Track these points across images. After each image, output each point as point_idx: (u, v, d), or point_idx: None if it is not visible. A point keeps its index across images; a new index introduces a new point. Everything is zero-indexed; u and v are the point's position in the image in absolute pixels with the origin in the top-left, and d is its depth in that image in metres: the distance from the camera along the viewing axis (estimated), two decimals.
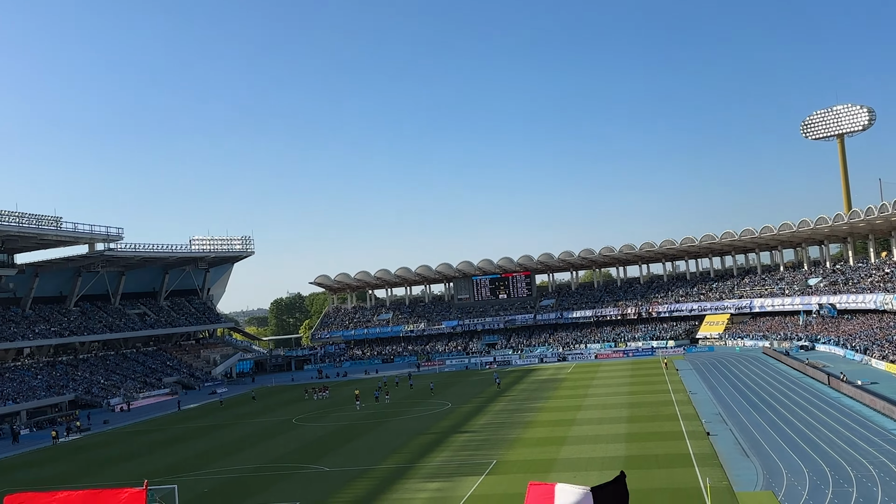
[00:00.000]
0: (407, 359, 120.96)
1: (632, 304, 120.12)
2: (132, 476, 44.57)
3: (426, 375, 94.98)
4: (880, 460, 34.19)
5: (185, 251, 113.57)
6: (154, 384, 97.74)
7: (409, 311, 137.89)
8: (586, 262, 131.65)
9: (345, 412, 66.76)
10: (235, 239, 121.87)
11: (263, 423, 64.26)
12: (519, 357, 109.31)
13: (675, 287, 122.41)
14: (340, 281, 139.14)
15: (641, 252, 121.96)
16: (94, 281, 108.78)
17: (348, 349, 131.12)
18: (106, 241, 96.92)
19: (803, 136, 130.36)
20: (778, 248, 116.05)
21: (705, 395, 58.61)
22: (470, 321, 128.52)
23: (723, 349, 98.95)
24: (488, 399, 67.89)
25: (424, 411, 63.46)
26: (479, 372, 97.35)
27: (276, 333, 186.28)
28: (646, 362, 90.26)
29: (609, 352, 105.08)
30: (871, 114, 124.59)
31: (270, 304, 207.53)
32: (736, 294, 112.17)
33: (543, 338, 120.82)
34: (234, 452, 50.74)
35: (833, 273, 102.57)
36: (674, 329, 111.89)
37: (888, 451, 35.79)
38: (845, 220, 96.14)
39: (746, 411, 50.12)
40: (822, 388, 58.14)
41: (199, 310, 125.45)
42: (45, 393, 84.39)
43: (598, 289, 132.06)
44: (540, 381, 79.40)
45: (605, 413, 54.18)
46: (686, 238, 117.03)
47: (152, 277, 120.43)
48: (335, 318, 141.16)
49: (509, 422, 54.19)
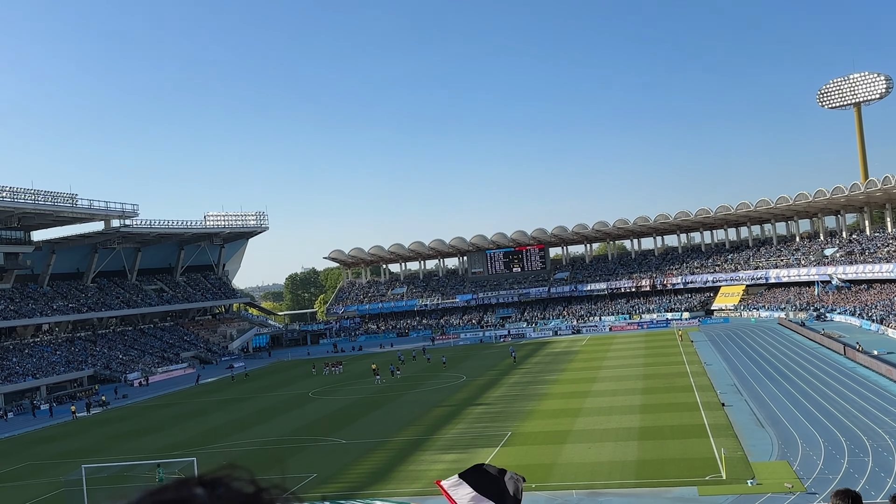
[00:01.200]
0: (422, 332, 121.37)
1: (646, 277, 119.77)
2: (151, 450, 45.20)
3: (440, 349, 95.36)
4: (895, 428, 34.14)
5: (199, 227, 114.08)
6: (172, 359, 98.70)
7: (423, 285, 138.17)
8: (600, 235, 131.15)
9: (361, 385, 67.22)
10: (250, 214, 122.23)
11: (280, 397, 64.86)
12: (533, 330, 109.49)
13: (689, 259, 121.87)
14: (355, 256, 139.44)
15: (656, 224, 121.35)
16: (111, 257, 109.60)
17: (363, 323, 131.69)
18: (121, 217, 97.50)
19: (819, 105, 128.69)
20: (794, 219, 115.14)
21: (720, 367, 58.58)
22: (484, 294, 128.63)
23: (738, 320, 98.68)
24: (503, 372, 68.14)
25: (439, 384, 63.81)
26: (493, 345, 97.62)
27: (291, 308, 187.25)
28: (660, 334, 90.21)
29: (623, 324, 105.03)
30: (888, 82, 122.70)
31: (285, 279, 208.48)
32: (751, 265, 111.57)
33: (558, 311, 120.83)
34: (252, 426, 51.27)
35: (849, 243, 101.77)
36: (689, 301, 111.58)
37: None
38: (862, 189, 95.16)
39: (762, 382, 50.06)
40: (837, 358, 57.94)
41: (215, 285, 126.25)
42: (64, 368, 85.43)
43: (613, 261, 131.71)
44: (554, 354, 79.56)
45: (620, 385, 54.28)
46: (701, 209, 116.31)
47: (168, 253, 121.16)
48: (350, 292, 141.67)
49: (524, 394, 54.41)
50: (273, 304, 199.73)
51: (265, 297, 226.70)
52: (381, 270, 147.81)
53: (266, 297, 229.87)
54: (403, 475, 34.25)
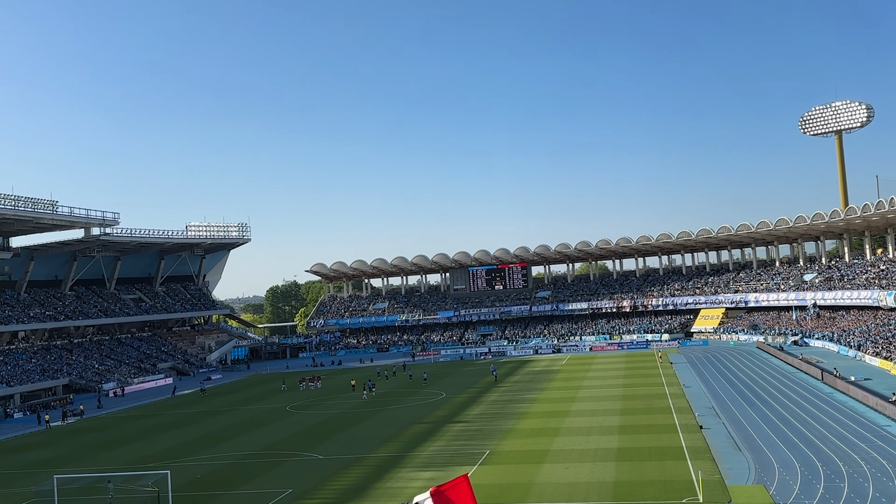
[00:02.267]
0: (402, 348, 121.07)
1: (627, 297, 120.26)
2: (125, 462, 44.65)
3: (421, 365, 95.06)
4: (872, 456, 34.29)
5: (181, 237, 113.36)
6: (148, 370, 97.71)
7: (404, 300, 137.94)
8: (582, 255, 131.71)
9: (339, 400, 66.81)
10: (232, 225, 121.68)
11: (257, 411, 64.32)
12: (514, 348, 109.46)
13: (670, 281, 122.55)
14: (337, 269, 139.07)
15: (638, 245, 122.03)
16: (90, 265, 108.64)
17: (343, 338, 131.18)
18: (102, 225, 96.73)
19: (801, 131, 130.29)
20: (774, 244, 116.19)
21: (699, 389, 58.76)
22: (465, 311, 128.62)
23: (717, 343, 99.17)
24: (483, 389, 67.98)
25: (419, 401, 63.55)
26: (473, 362, 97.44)
27: (271, 321, 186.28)
28: (640, 355, 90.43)
29: (604, 344, 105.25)
30: (869, 110, 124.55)
31: (266, 291, 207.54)
32: (731, 288, 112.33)
33: (539, 329, 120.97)
34: (228, 439, 50.77)
35: (828, 269, 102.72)
36: (669, 322, 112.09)
37: (880, 447, 35.89)
38: (842, 216, 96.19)
39: (740, 405, 50.25)
40: (815, 383, 58.30)
41: (195, 296, 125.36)
42: (39, 377, 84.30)
43: (594, 281, 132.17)
44: (534, 373, 79.52)
45: (599, 405, 54.29)
46: (682, 232, 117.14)
47: (148, 263, 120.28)
48: (331, 306, 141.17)
49: (503, 412, 54.28)
50: (253, 317, 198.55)
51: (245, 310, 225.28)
52: (363, 285, 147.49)
53: (246, 309, 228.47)
54: (380, 492, 34.00)
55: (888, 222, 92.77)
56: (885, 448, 35.73)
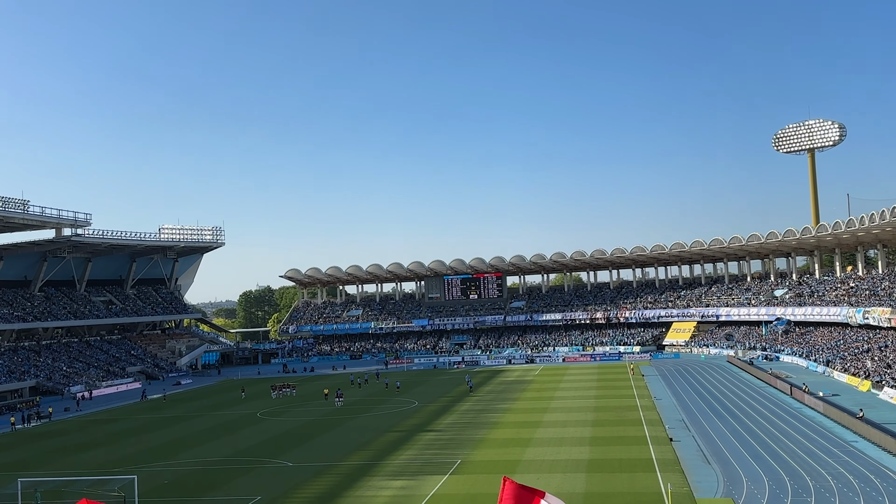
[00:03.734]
0: (376, 356, 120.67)
1: (601, 309, 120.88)
2: (90, 466, 44.02)
3: (394, 373, 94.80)
4: (839, 471, 34.69)
5: (153, 240, 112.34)
6: (117, 373, 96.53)
7: (379, 308, 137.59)
8: (557, 266, 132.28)
9: (311, 407, 66.40)
10: (206, 229, 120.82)
11: (227, 416, 63.73)
12: (487, 358, 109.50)
13: (643, 293, 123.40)
14: (311, 276, 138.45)
15: (612, 258, 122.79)
16: (60, 266, 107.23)
17: (316, 344, 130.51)
18: (73, 226, 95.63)
19: (775, 149, 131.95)
20: (746, 259, 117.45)
21: (670, 402, 59.14)
22: (440, 320, 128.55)
23: (688, 356, 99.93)
24: (455, 399, 67.91)
25: (391, 409, 63.33)
26: (447, 371, 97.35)
27: (244, 326, 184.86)
28: (612, 367, 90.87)
29: (577, 355, 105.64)
30: (841, 129, 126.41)
31: (239, 296, 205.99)
32: (703, 302, 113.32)
33: (513, 339, 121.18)
34: (197, 445, 50.24)
35: (799, 285, 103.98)
36: (641, 335, 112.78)
37: (846, 463, 36.32)
38: (813, 233, 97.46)
39: (709, 419, 50.63)
40: (784, 398, 58.91)
41: (166, 299, 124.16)
42: (5, 378, 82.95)
43: (569, 292, 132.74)
44: (507, 383, 79.60)
45: (571, 416, 54.45)
46: (656, 245, 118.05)
47: (119, 265, 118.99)
48: (304, 312, 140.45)
49: (475, 422, 54.25)
50: (225, 322, 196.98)
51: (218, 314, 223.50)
52: (338, 292, 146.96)
53: (219, 313, 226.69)
54: (350, 500, 33.79)
55: (858, 240, 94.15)
56: (851, 463, 36.16)
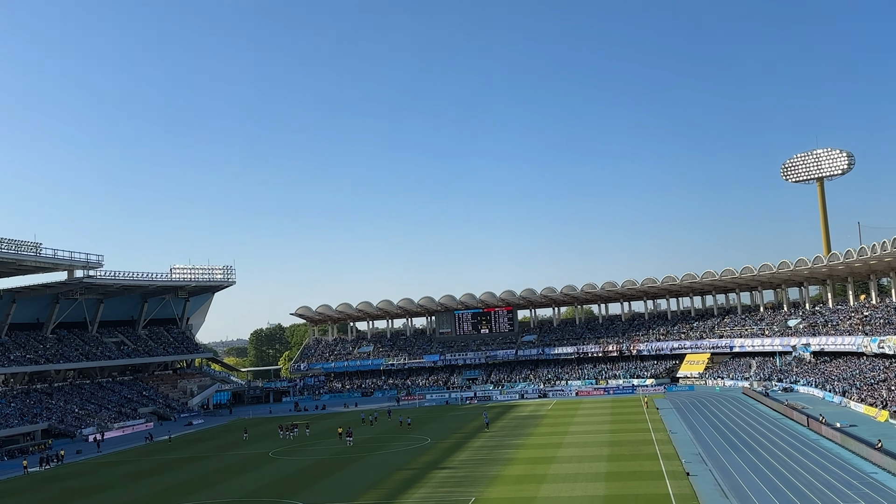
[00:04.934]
0: (387, 392, 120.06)
1: (613, 342, 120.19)
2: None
3: (406, 410, 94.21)
4: (858, 503, 34.13)
5: (165, 280, 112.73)
6: (129, 414, 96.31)
7: (390, 344, 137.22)
8: (568, 299, 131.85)
9: (323, 446, 65.99)
10: (217, 268, 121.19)
11: (239, 456, 63.38)
12: (500, 393, 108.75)
13: (656, 325, 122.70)
14: (322, 312, 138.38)
15: (623, 290, 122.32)
16: (72, 308, 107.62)
17: (328, 382, 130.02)
18: (85, 267, 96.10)
19: (784, 178, 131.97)
20: (758, 289, 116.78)
21: (685, 435, 58.48)
22: (451, 355, 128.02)
23: (703, 388, 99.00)
24: (468, 435, 67.36)
25: (403, 446, 62.86)
26: (459, 407, 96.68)
27: (255, 364, 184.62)
28: (627, 400, 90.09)
29: (590, 389, 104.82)
30: (850, 158, 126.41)
31: (250, 334, 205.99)
32: (716, 333, 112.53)
33: (524, 373, 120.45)
34: (209, 486, 49.92)
35: (812, 315, 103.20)
36: (655, 367, 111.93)
37: (866, 494, 35.76)
38: (824, 262, 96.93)
39: (726, 452, 50.01)
40: (801, 429, 58.19)
41: (178, 339, 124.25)
42: (17, 421, 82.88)
43: (580, 325, 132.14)
44: (521, 418, 78.95)
45: (586, 451, 53.89)
46: (667, 277, 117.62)
47: (131, 305, 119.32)
48: (315, 349, 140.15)
49: (489, 458, 53.75)
50: (236, 360, 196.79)
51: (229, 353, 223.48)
52: (349, 328, 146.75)
53: (230, 352, 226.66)
54: None
55: (871, 269, 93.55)
56: (871, 495, 35.60)
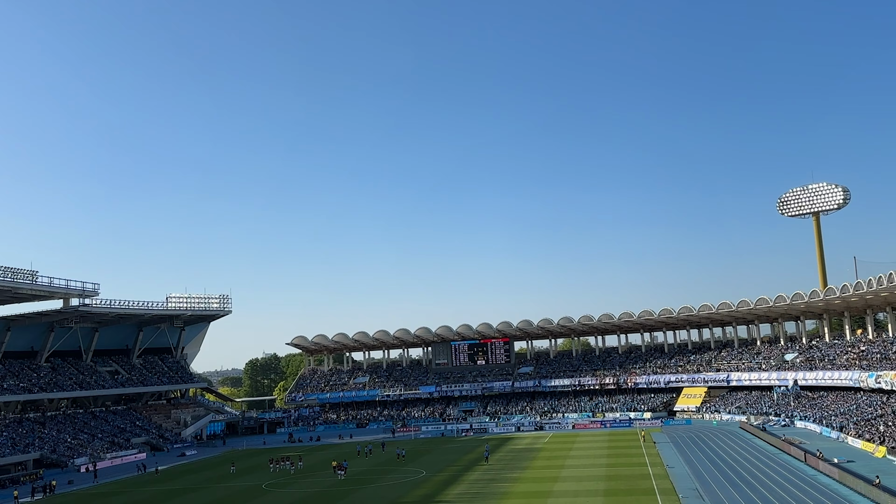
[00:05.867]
0: (382, 424, 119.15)
1: (610, 374, 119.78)
2: None
3: (401, 442, 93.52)
4: None
5: (160, 308, 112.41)
6: (122, 444, 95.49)
7: (386, 374, 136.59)
8: (565, 331, 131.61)
9: (316, 478, 65.38)
10: (213, 297, 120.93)
11: (232, 489, 62.74)
12: (496, 425, 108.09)
13: (652, 358, 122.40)
14: (318, 342, 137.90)
15: (620, 322, 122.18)
16: (67, 336, 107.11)
17: (323, 412, 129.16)
18: (81, 296, 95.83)
19: (780, 212, 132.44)
20: (755, 323, 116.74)
21: (682, 470, 58.09)
22: (447, 387, 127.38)
23: (700, 422, 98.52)
24: (464, 468, 66.84)
25: (398, 479, 62.33)
26: (455, 439, 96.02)
27: (249, 394, 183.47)
28: (623, 434, 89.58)
29: (587, 422, 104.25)
30: (845, 193, 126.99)
31: (245, 364, 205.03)
32: (713, 367, 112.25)
33: (521, 406, 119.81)
34: None
35: (809, 349, 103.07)
36: (651, 400, 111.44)
37: None
38: (821, 296, 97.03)
39: (723, 487, 49.66)
40: (799, 465, 57.86)
41: (172, 368, 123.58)
42: (9, 451, 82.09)
43: (577, 357, 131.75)
44: (517, 451, 78.43)
45: (582, 485, 53.48)
46: (664, 309, 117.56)
47: (126, 334, 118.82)
48: (311, 380, 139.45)
49: (485, 492, 53.28)
50: (231, 390, 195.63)
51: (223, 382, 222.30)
52: (344, 359, 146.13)
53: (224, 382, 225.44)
54: None
55: (867, 303, 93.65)
56: None
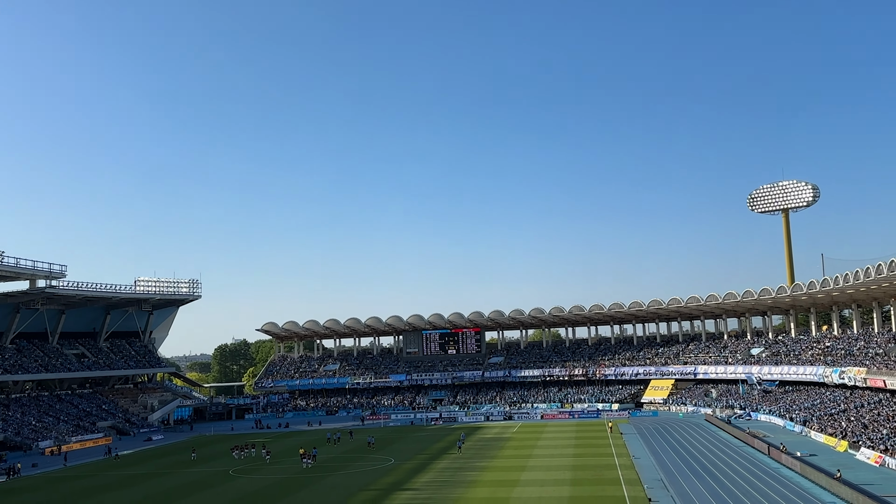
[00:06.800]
0: (352, 411, 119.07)
1: (579, 366, 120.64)
2: None
3: (370, 430, 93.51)
4: None
5: (129, 292, 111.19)
6: (87, 428, 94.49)
7: (356, 362, 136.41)
8: (536, 322, 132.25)
9: (284, 465, 65.18)
10: (182, 282, 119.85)
11: (198, 474, 62.35)
12: (465, 414, 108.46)
13: (621, 350, 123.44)
14: (288, 329, 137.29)
15: (590, 314, 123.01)
16: (33, 318, 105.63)
17: (292, 399, 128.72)
18: (48, 277, 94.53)
19: (750, 209, 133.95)
20: (722, 317, 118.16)
21: (648, 461, 58.72)
22: (418, 375, 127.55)
23: (666, 414, 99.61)
24: (432, 456, 67.00)
25: (366, 466, 62.34)
26: (424, 428, 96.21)
27: (218, 380, 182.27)
28: (591, 424, 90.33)
29: (555, 412, 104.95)
30: (815, 190, 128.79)
31: (215, 349, 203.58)
32: (681, 360, 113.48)
33: (490, 395, 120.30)
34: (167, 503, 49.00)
35: (775, 344, 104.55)
36: (619, 392, 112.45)
37: None
38: (788, 292, 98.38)
39: (688, 478, 50.27)
40: (762, 457, 58.72)
41: (140, 353, 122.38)
42: None
43: (547, 348, 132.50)
44: (486, 440, 78.76)
45: (549, 475, 53.85)
46: (634, 302, 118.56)
47: (93, 317, 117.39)
48: (281, 366, 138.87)
49: (453, 480, 53.47)
50: (199, 375, 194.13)
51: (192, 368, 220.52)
52: (315, 346, 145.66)
53: (193, 367, 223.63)
54: None
55: (833, 300, 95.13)
56: None
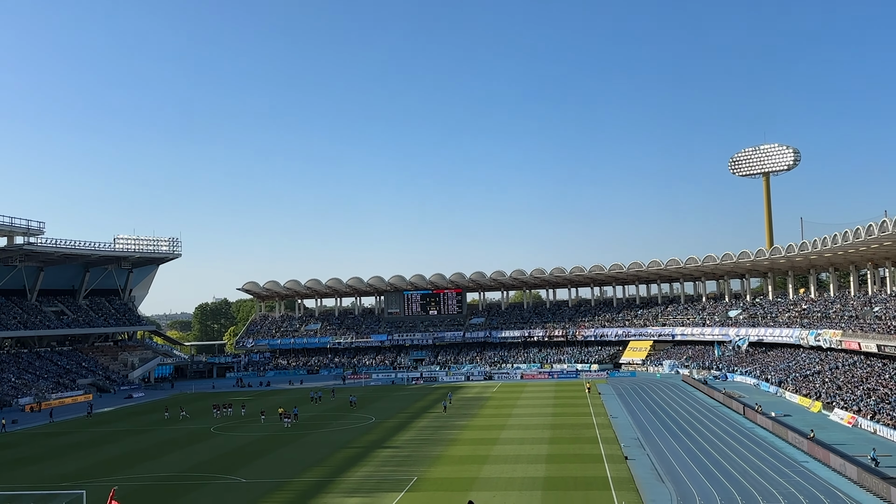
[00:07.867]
0: (333, 371, 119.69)
1: (559, 327, 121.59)
2: (40, 479, 42.91)
3: (351, 389, 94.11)
4: (789, 490, 35.22)
5: (108, 250, 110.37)
6: (67, 385, 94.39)
7: (338, 322, 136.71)
8: (517, 283, 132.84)
9: (266, 423, 65.54)
10: (162, 240, 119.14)
11: (180, 431, 62.63)
12: (446, 374, 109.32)
13: (601, 312, 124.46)
14: (269, 289, 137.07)
15: (571, 276, 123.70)
16: (11, 275, 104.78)
17: (273, 358, 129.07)
18: (26, 234, 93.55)
19: (731, 172, 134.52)
20: (701, 280, 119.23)
21: (625, 420, 59.60)
22: (399, 336, 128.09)
23: (644, 375, 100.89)
24: (413, 415, 67.63)
25: (348, 425, 62.84)
26: (405, 387, 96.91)
27: (199, 339, 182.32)
28: (570, 384, 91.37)
29: (535, 372, 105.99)
30: (796, 154, 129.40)
31: (195, 308, 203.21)
32: (659, 321, 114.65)
33: (471, 356, 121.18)
34: (148, 459, 49.24)
35: (753, 306, 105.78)
36: (599, 353, 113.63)
37: (797, 482, 36.91)
38: (766, 255, 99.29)
39: (664, 437, 51.12)
40: (737, 417, 59.76)
41: (120, 311, 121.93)
42: None
43: (528, 310, 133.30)
44: (466, 399, 79.50)
45: (528, 433, 54.55)
46: (614, 265, 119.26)
47: (72, 275, 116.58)
48: (262, 326, 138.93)
49: (433, 438, 54.05)
50: (180, 334, 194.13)
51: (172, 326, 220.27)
52: (296, 305, 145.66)
53: (173, 325, 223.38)
54: None
55: (811, 263, 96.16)
56: (802, 483, 36.75)
